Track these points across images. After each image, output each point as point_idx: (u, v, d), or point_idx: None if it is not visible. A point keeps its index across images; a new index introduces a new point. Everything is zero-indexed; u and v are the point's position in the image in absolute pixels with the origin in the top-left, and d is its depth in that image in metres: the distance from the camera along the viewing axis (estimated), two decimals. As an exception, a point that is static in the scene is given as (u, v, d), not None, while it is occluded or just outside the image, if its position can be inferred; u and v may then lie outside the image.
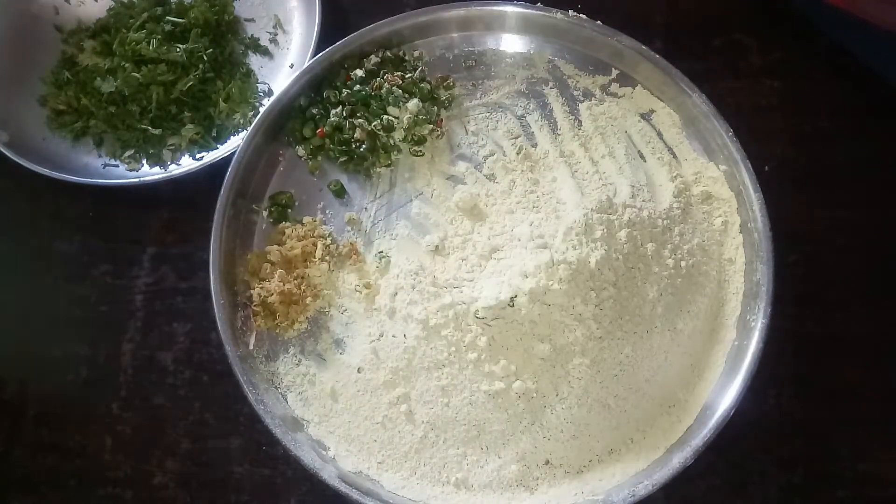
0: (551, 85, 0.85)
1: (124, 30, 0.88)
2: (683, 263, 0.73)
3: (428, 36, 0.87)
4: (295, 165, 0.82)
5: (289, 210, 0.80)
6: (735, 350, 0.73)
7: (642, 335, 0.71)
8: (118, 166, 0.86)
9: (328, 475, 0.68)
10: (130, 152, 0.86)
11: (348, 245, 0.78)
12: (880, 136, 0.86)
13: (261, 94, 0.89)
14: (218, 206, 0.76)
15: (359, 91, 0.82)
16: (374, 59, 0.84)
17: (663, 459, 0.69)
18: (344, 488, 0.67)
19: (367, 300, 0.75)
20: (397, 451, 0.70)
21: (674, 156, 0.82)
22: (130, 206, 0.86)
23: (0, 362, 0.82)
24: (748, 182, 0.76)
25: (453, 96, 0.84)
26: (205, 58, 0.87)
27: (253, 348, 0.75)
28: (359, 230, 0.80)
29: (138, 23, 0.88)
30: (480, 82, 0.85)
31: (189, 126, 0.85)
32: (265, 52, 0.92)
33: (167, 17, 0.88)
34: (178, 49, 0.86)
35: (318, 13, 0.87)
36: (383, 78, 0.83)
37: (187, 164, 0.84)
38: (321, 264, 0.77)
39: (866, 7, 0.80)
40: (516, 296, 0.67)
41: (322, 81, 0.84)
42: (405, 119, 0.81)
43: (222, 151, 0.83)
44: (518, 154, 0.81)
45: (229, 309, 0.74)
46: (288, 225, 0.79)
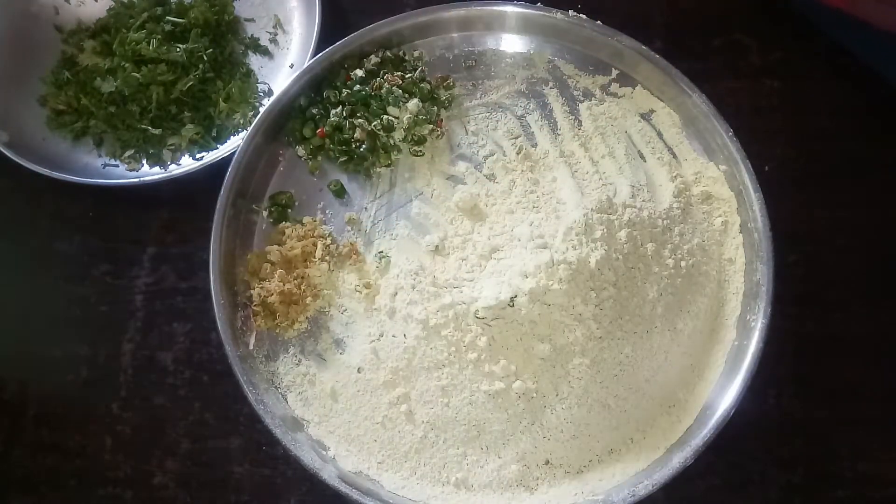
0: (551, 85, 0.85)
1: (124, 30, 0.88)
2: (683, 263, 0.73)
3: (428, 36, 0.87)
4: (295, 165, 0.82)
5: (289, 210, 0.80)
6: (735, 350, 0.73)
7: (642, 335, 0.71)
8: (118, 166, 0.86)
9: (328, 475, 0.68)
10: (130, 152, 0.86)
11: (348, 245, 0.78)
12: (880, 136, 0.86)
13: (261, 94, 0.89)
14: (218, 206, 0.76)
15: (359, 91, 0.82)
16: (374, 59, 0.84)
17: (663, 459, 0.69)
18: (344, 488, 0.67)
19: (367, 300, 0.75)
20: (397, 451, 0.70)
21: (674, 156, 0.82)
22: (130, 206, 0.86)
23: (0, 362, 0.82)
24: (748, 182, 0.76)
25: (453, 96, 0.84)
26: (205, 58, 0.86)
27: (253, 348, 0.75)
28: (359, 230, 0.80)
29: (138, 23, 0.88)
30: (480, 82, 0.85)
31: (189, 126, 0.85)
32: (265, 52, 0.92)
33: (167, 17, 0.88)
34: (178, 49, 0.86)
35: (318, 13, 0.87)
36: (383, 78, 0.83)
37: (187, 164, 0.84)
38: (321, 264, 0.77)
39: (866, 8, 0.80)
40: (516, 296, 0.67)
41: (322, 81, 0.84)
42: (405, 119, 0.81)
43: (222, 151, 0.83)
44: (518, 154, 0.81)
45: (229, 309, 0.74)
46: (288, 225, 0.79)
